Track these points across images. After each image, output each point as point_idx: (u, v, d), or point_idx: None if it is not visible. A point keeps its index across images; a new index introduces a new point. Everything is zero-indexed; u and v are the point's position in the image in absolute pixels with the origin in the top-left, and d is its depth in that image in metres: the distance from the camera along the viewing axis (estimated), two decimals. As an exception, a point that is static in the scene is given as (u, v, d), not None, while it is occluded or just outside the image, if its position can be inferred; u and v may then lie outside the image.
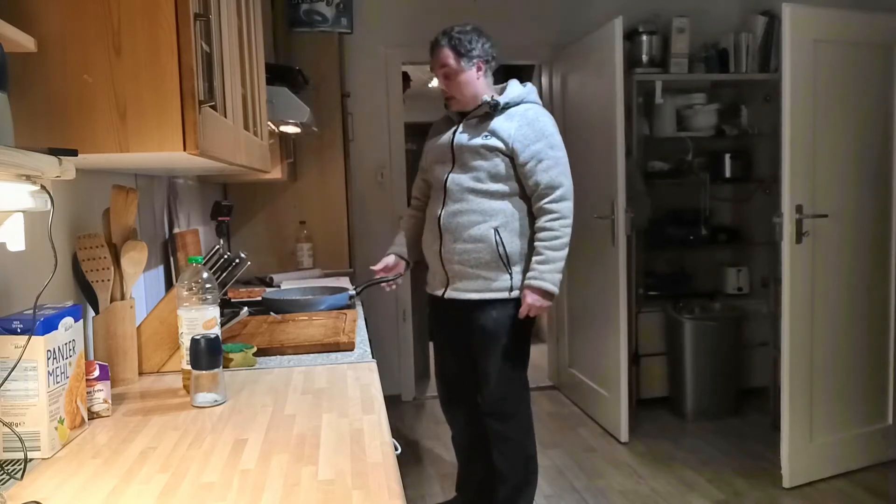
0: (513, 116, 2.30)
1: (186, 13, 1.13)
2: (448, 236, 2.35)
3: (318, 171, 3.60)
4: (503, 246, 2.30)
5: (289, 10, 3.47)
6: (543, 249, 2.27)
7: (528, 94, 2.37)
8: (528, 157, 2.27)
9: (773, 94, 3.63)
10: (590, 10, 4.11)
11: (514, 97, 2.33)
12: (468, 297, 2.36)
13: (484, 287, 2.34)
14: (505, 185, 2.31)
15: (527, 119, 2.30)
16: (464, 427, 2.64)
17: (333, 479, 0.94)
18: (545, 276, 2.26)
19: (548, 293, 2.27)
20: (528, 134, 2.27)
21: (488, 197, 2.31)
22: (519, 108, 2.32)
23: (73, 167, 1.00)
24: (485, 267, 2.32)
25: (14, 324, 1.04)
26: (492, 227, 2.30)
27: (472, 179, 2.31)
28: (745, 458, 3.27)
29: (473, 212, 2.31)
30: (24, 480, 0.98)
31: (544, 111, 2.38)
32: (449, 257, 2.36)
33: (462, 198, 2.32)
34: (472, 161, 2.31)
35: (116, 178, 1.68)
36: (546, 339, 4.69)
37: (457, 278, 2.37)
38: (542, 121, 2.32)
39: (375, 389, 1.38)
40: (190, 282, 1.39)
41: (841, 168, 2.97)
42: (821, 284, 2.93)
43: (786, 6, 2.78)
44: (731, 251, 4.35)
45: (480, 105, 2.33)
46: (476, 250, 2.31)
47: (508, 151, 2.28)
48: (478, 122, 2.34)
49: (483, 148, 2.29)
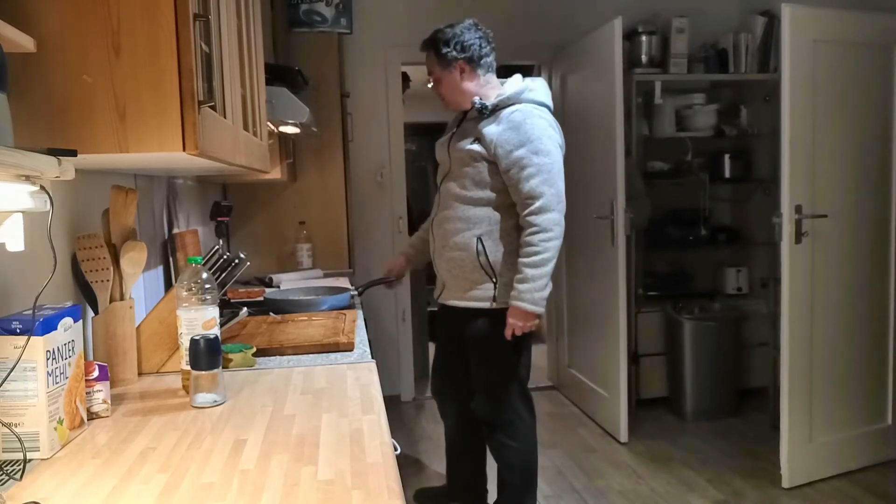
0: (500, 119, 2.20)
1: (186, 13, 1.13)
2: (438, 242, 2.35)
3: (318, 172, 3.60)
4: (485, 255, 2.23)
5: (288, 10, 3.47)
6: (523, 267, 2.16)
7: (523, 93, 2.25)
8: (510, 164, 2.17)
9: (773, 95, 3.63)
10: (590, 10, 4.11)
11: (505, 97, 2.24)
12: (455, 304, 2.35)
13: (468, 296, 2.30)
14: (489, 192, 2.23)
15: (512, 122, 2.18)
16: (453, 422, 2.66)
17: (333, 479, 0.94)
18: (524, 296, 2.16)
19: (529, 313, 2.18)
20: (510, 139, 2.16)
21: (472, 204, 2.25)
22: (508, 110, 2.21)
23: (72, 167, 1.00)
24: (468, 275, 2.28)
25: (13, 324, 1.03)
26: (474, 236, 2.24)
27: (458, 186, 2.27)
28: (745, 459, 3.27)
29: (458, 219, 2.27)
30: (24, 481, 0.98)
31: (537, 111, 2.23)
32: (440, 263, 2.37)
33: (449, 205, 2.30)
34: (460, 167, 2.27)
35: (116, 179, 1.68)
36: (546, 340, 4.69)
37: (447, 284, 2.38)
38: (530, 123, 2.18)
39: (375, 390, 1.38)
40: (189, 282, 1.39)
41: (840, 168, 2.97)
42: (820, 284, 2.93)
43: (785, 6, 2.78)
44: (730, 251, 4.35)
45: (472, 108, 2.26)
46: (460, 258, 2.28)
47: (491, 157, 2.19)
48: (471, 126, 2.28)
49: (468, 154, 2.23)
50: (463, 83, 2.29)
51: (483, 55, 2.30)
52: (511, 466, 2.45)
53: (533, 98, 2.26)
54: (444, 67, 2.29)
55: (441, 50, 2.27)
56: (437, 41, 2.29)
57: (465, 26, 2.31)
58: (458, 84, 2.29)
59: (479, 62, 2.30)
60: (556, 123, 2.33)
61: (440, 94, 2.35)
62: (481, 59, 2.30)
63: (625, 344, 3.50)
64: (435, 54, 2.29)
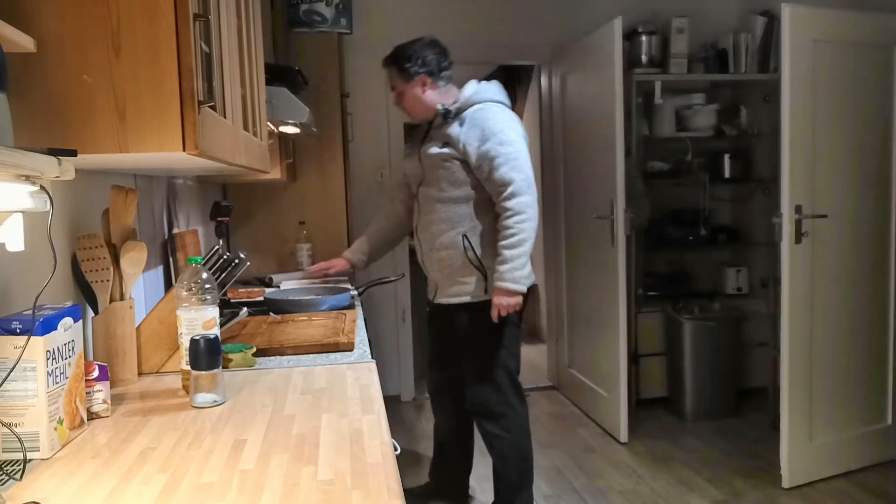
0: (463, 120, 2.34)
1: (186, 13, 1.13)
2: (425, 246, 2.47)
3: (318, 172, 3.60)
4: (473, 250, 2.36)
5: (288, 10, 3.47)
6: (502, 249, 2.29)
7: (479, 93, 2.39)
8: (480, 158, 2.31)
9: (773, 95, 3.63)
10: (590, 10, 4.11)
11: (465, 99, 2.38)
12: (450, 302, 2.45)
13: (462, 291, 2.42)
14: (467, 189, 2.36)
15: (475, 120, 2.33)
16: (446, 418, 2.74)
17: (333, 480, 0.94)
18: (505, 275, 2.28)
19: (511, 292, 2.30)
20: (476, 135, 2.31)
21: (452, 203, 2.38)
22: (470, 111, 2.36)
23: (72, 167, 1.00)
24: (459, 272, 2.40)
25: (13, 324, 1.03)
26: (460, 234, 2.37)
27: (436, 189, 2.39)
28: (745, 459, 3.27)
29: (441, 220, 2.39)
30: (24, 481, 0.98)
31: (497, 108, 2.38)
32: (429, 265, 2.49)
33: (430, 208, 2.42)
34: (434, 171, 2.39)
35: (116, 179, 1.68)
36: (546, 340, 4.69)
37: (439, 285, 2.47)
38: (492, 118, 2.32)
39: (375, 390, 1.38)
40: (189, 282, 1.39)
41: (840, 168, 2.97)
42: (820, 285, 2.93)
43: (785, 6, 2.78)
44: (730, 251, 4.35)
45: (436, 116, 2.40)
46: (449, 257, 2.40)
47: (462, 156, 2.33)
48: (438, 132, 2.41)
49: (440, 157, 2.35)
50: (425, 94, 2.42)
51: (443, 68, 2.44)
52: (506, 458, 2.51)
53: (491, 97, 2.41)
54: (406, 81, 2.42)
55: (403, 65, 2.41)
56: (398, 57, 2.43)
57: (424, 43, 2.44)
58: (421, 96, 2.42)
59: (440, 74, 2.44)
60: (516, 116, 2.46)
61: (403, 107, 2.49)
62: (441, 72, 2.44)
63: (625, 344, 3.50)
64: (397, 70, 2.43)
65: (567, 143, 4.13)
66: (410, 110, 2.47)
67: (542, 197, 4.63)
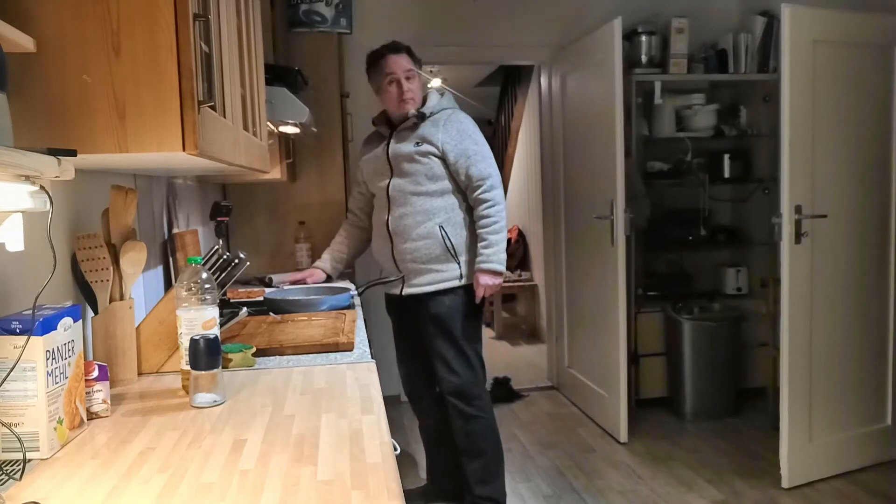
0: (438, 122, 2.57)
1: (185, 13, 1.13)
2: (398, 238, 2.59)
3: (318, 172, 3.60)
4: (449, 239, 2.55)
5: (288, 10, 3.47)
6: (486, 235, 2.52)
7: (446, 101, 2.67)
8: (458, 155, 2.53)
9: (772, 95, 3.64)
10: (589, 10, 4.11)
11: (436, 105, 2.62)
12: (424, 290, 2.58)
13: (436, 279, 2.57)
14: (445, 182, 2.56)
15: (451, 122, 2.58)
16: (428, 416, 2.85)
17: (332, 480, 0.94)
18: (491, 258, 2.50)
19: (496, 272, 2.53)
20: (454, 136, 2.55)
21: (428, 196, 2.55)
22: (442, 115, 2.60)
23: (72, 167, 1.00)
24: (435, 261, 2.56)
25: (13, 324, 1.03)
26: (437, 224, 2.55)
27: (412, 183, 2.56)
28: (745, 459, 3.28)
29: (417, 213, 2.55)
30: (23, 481, 0.98)
31: (463, 113, 2.67)
32: (402, 257, 2.59)
33: (406, 202, 2.57)
34: (408, 167, 2.56)
35: (115, 179, 1.68)
36: (545, 340, 4.69)
37: (411, 275, 2.60)
38: (464, 122, 2.60)
39: (374, 390, 1.37)
40: (189, 282, 1.39)
41: (840, 168, 2.97)
42: (820, 285, 2.93)
43: (785, 7, 2.78)
44: (730, 251, 4.35)
45: (409, 117, 2.58)
46: (426, 247, 2.56)
47: (440, 153, 2.54)
48: (408, 132, 2.59)
49: (417, 154, 2.55)
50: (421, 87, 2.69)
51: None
52: (485, 437, 2.65)
53: (454, 105, 2.70)
54: (419, 67, 2.68)
55: (414, 54, 2.66)
56: (408, 47, 2.66)
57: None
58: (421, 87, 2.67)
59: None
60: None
61: (413, 91, 2.63)
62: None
63: (624, 344, 3.50)
64: (409, 55, 2.65)
65: (567, 143, 4.12)
66: (413, 97, 2.61)
67: (542, 197, 4.64)
